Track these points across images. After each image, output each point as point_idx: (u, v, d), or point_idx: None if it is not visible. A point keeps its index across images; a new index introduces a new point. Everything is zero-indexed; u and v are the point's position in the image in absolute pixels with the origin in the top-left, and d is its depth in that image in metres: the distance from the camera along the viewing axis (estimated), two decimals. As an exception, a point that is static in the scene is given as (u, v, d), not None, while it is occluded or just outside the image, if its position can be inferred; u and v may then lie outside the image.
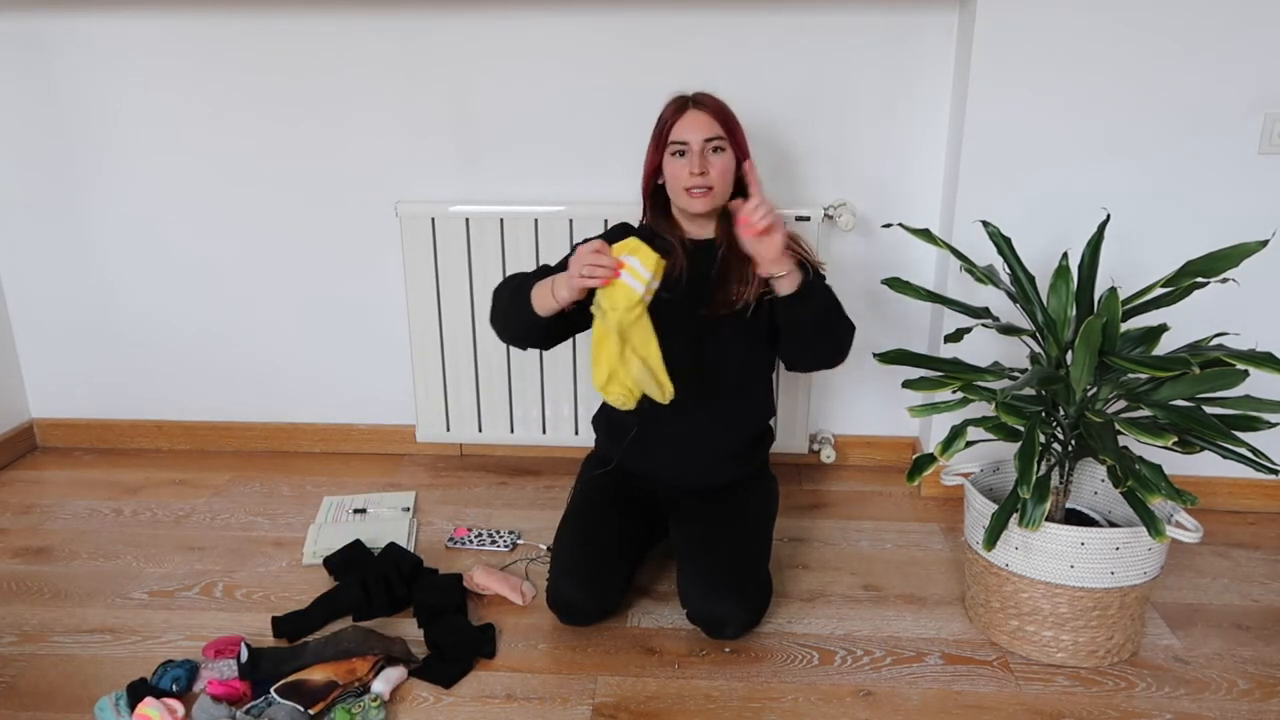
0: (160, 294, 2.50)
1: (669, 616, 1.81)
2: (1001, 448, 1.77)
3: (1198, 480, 2.19)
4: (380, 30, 2.24)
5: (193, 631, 1.77)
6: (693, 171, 1.68)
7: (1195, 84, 1.98)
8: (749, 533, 1.81)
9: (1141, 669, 1.66)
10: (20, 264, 2.50)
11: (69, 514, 2.25)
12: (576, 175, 2.31)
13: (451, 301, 2.33)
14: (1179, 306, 1.67)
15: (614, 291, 1.52)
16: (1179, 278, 1.59)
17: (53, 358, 2.58)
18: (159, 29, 2.27)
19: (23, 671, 1.66)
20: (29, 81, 2.33)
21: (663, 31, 2.19)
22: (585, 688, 1.62)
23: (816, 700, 1.58)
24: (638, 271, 1.50)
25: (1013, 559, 1.65)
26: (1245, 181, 2.03)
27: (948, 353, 2.10)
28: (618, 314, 1.52)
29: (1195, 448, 1.53)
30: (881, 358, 1.66)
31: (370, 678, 1.59)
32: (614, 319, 1.52)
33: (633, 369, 1.56)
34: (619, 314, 1.52)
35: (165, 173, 2.39)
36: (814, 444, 2.45)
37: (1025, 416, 1.54)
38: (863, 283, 2.32)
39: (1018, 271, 1.75)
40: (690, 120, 1.69)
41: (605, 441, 1.97)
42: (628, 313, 1.52)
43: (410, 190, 2.35)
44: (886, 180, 2.27)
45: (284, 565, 2.01)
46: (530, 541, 2.10)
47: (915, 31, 2.16)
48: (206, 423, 2.60)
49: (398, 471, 2.48)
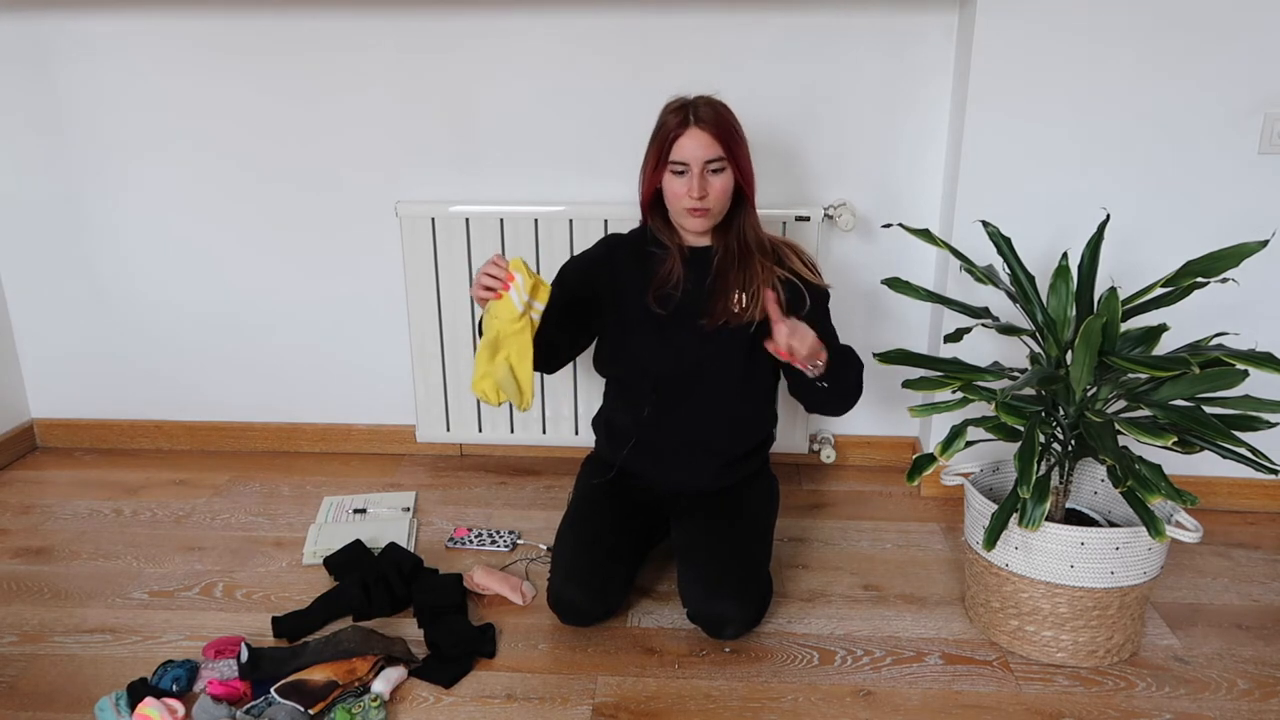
0: (160, 294, 2.50)
1: (669, 616, 1.81)
2: (1001, 448, 1.78)
3: (1198, 480, 2.19)
4: (381, 30, 2.24)
5: (193, 631, 1.77)
6: (692, 194, 1.69)
7: (1195, 84, 1.98)
8: (749, 533, 1.81)
9: (1141, 669, 1.66)
10: (20, 264, 2.50)
11: (69, 514, 2.25)
12: (576, 175, 2.31)
13: (451, 301, 2.34)
14: (1179, 306, 1.67)
15: (500, 304, 1.63)
16: (1179, 278, 1.59)
17: (53, 358, 2.58)
18: (159, 30, 2.27)
19: (23, 671, 1.66)
20: (29, 81, 2.33)
21: (663, 32, 2.19)
22: (585, 688, 1.62)
23: (816, 700, 1.58)
24: (520, 289, 1.62)
25: (1013, 559, 1.65)
26: (1245, 181, 2.03)
27: (948, 353, 2.10)
28: (500, 323, 1.63)
29: (1195, 448, 1.53)
30: (881, 358, 1.66)
31: (370, 678, 1.59)
32: (496, 327, 1.64)
33: (498, 374, 1.67)
34: (500, 324, 1.63)
35: (165, 173, 2.39)
36: (814, 444, 2.45)
37: (1025, 416, 1.54)
38: (863, 283, 2.32)
39: (1018, 271, 1.75)
40: (692, 140, 1.69)
41: (605, 443, 1.97)
42: (508, 324, 1.63)
43: (410, 190, 2.35)
44: (886, 180, 2.27)
45: (284, 565, 2.01)
46: (530, 541, 2.11)
47: (915, 32, 2.16)
48: (206, 423, 2.60)
49: (398, 471, 2.48)
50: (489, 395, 1.68)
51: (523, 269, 1.62)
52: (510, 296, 1.61)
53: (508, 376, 1.66)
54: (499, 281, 1.61)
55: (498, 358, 1.66)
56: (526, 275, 1.61)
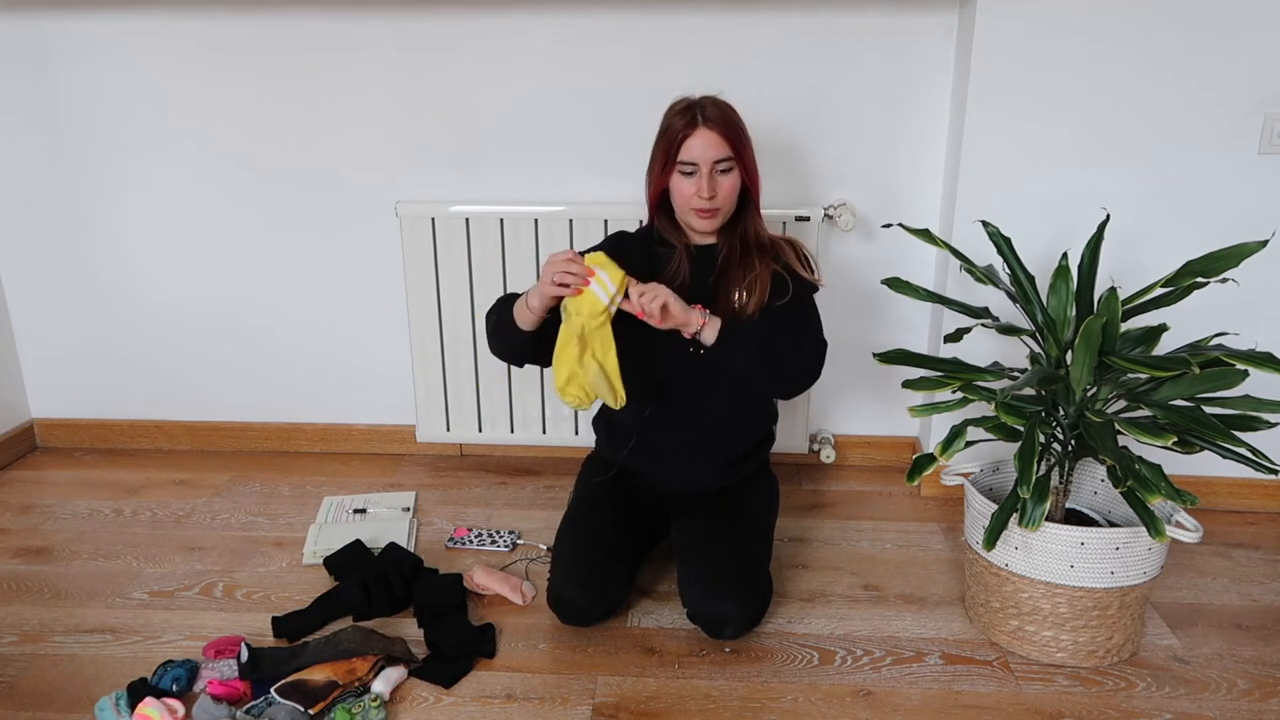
0: (160, 294, 2.50)
1: (669, 616, 1.81)
2: (1001, 448, 1.77)
3: (1198, 480, 2.19)
4: (381, 30, 2.24)
5: (193, 631, 1.77)
6: (701, 194, 1.69)
7: (1195, 84, 1.98)
8: (749, 533, 1.81)
9: (1141, 669, 1.66)
10: (20, 264, 2.50)
11: (69, 514, 2.25)
12: (577, 175, 2.31)
13: (451, 301, 2.34)
14: (1179, 306, 1.67)
15: (581, 300, 1.61)
16: (1179, 278, 1.59)
17: (53, 358, 2.58)
18: (159, 30, 2.27)
19: (23, 671, 1.66)
20: (29, 81, 2.33)
21: (664, 32, 2.19)
22: (585, 688, 1.62)
23: (816, 700, 1.58)
24: (605, 283, 1.60)
25: (1013, 559, 1.65)
26: (1245, 181, 2.03)
27: (948, 353, 2.10)
28: (582, 319, 1.61)
29: (1195, 448, 1.53)
30: (881, 358, 1.66)
31: (370, 678, 1.59)
32: (578, 324, 1.62)
33: (590, 373, 1.65)
34: (584, 319, 1.61)
35: (165, 173, 2.39)
36: (814, 444, 2.45)
37: (1025, 416, 1.54)
38: (863, 283, 2.32)
39: (1018, 271, 1.75)
40: (701, 140, 1.69)
41: (605, 443, 1.97)
42: (591, 319, 1.61)
43: (410, 190, 2.35)
44: (886, 180, 2.27)
45: (284, 565, 2.01)
46: (530, 541, 2.10)
47: (915, 32, 2.16)
48: (206, 423, 2.60)
49: (398, 471, 2.48)
50: (580, 399, 1.66)
51: (606, 263, 1.60)
52: (594, 291, 1.60)
53: (599, 375, 1.64)
54: (578, 278, 1.60)
55: (585, 357, 1.63)
56: (611, 269, 1.60)
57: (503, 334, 1.76)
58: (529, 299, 1.68)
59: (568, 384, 1.67)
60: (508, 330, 1.74)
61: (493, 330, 1.79)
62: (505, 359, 1.82)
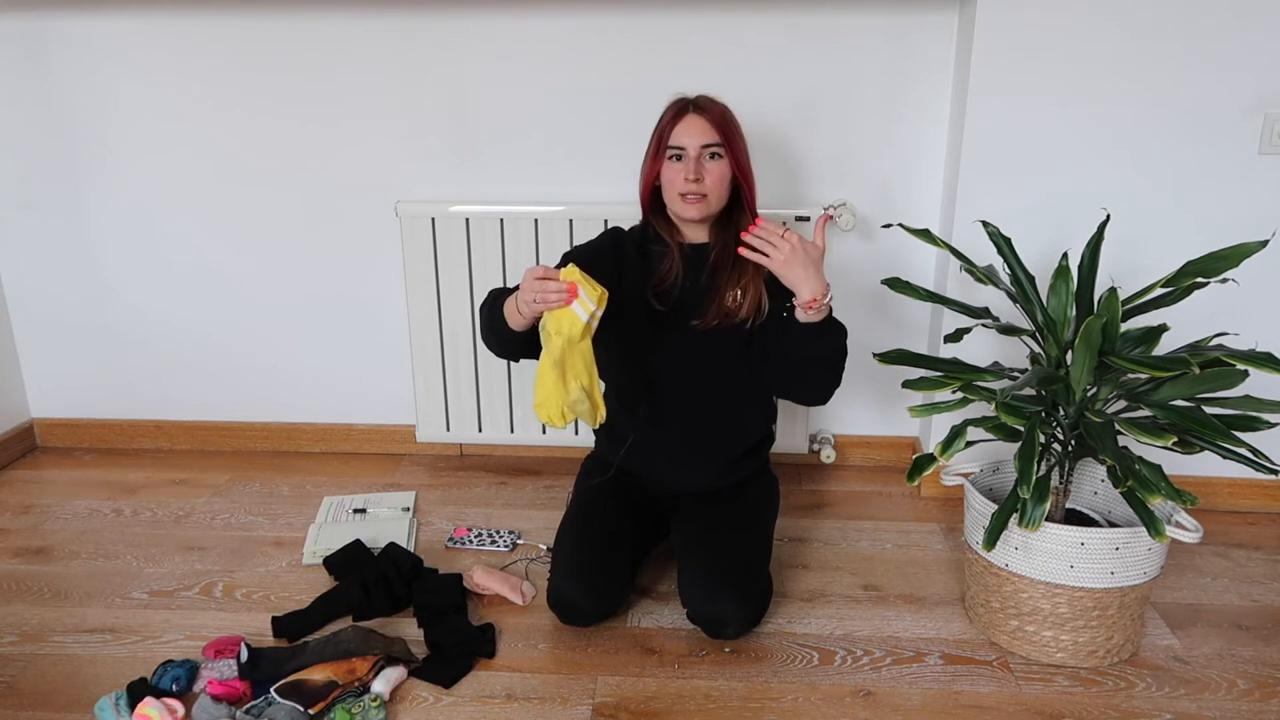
0: (160, 294, 2.50)
1: (669, 616, 1.81)
2: (1001, 448, 1.77)
3: (1198, 480, 2.19)
4: (380, 29, 2.24)
5: (193, 631, 1.77)
6: (687, 177, 1.69)
7: (1195, 84, 1.98)
8: (749, 533, 1.81)
9: (1141, 669, 1.66)
10: (20, 264, 2.50)
11: (69, 514, 2.25)
12: (576, 175, 2.31)
13: (451, 301, 2.33)
14: (1179, 306, 1.67)
15: (561, 317, 1.57)
16: (1179, 278, 1.59)
17: (53, 358, 2.58)
18: (158, 29, 2.27)
19: (23, 671, 1.66)
20: (29, 81, 2.33)
21: (663, 31, 2.19)
22: (585, 688, 1.62)
23: (816, 700, 1.58)
24: (585, 301, 1.56)
25: (1013, 559, 1.65)
26: (1245, 181, 2.03)
27: (948, 353, 2.10)
28: (563, 339, 1.58)
29: (1195, 448, 1.53)
30: (881, 358, 1.66)
31: (370, 678, 1.59)
32: (558, 345, 1.58)
33: (571, 393, 1.62)
34: (563, 340, 1.58)
35: (165, 173, 2.39)
36: (814, 444, 2.45)
37: (1025, 416, 1.54)
38: (863, 283, 2.32)
39: (1018, 271, 1.75)
40: (688, 125, 1.69)
41: (605, 443, 1.97)
42: (572, 338, 1.58)
43: (410, 190, 2.35)
44: (886, 180, 2.27)
45: (284, 565, 2.01)
46: (530, 541, 2.10)
47: (915, 31, 2.16)
48: (206, 423, 2.60)
49: (398, 471, 2.48)
50: (554, 419, 1.63)
51: (581, 278, 1.56)
52: (575, 309, 1.56)
53: (580, 396, 1.62)
54: (559, 296, 1.55)
55: (567, 377, 1.61)
56: (589, 286, 1.56)
57: (495, 330, 1.75)
58: (520, 304, 1.64)
59: (545, 402, 1.63)
60: (499, 328, 1.72)
61: (485, 327, 1.78)
62: (497, 353, 1.81)
